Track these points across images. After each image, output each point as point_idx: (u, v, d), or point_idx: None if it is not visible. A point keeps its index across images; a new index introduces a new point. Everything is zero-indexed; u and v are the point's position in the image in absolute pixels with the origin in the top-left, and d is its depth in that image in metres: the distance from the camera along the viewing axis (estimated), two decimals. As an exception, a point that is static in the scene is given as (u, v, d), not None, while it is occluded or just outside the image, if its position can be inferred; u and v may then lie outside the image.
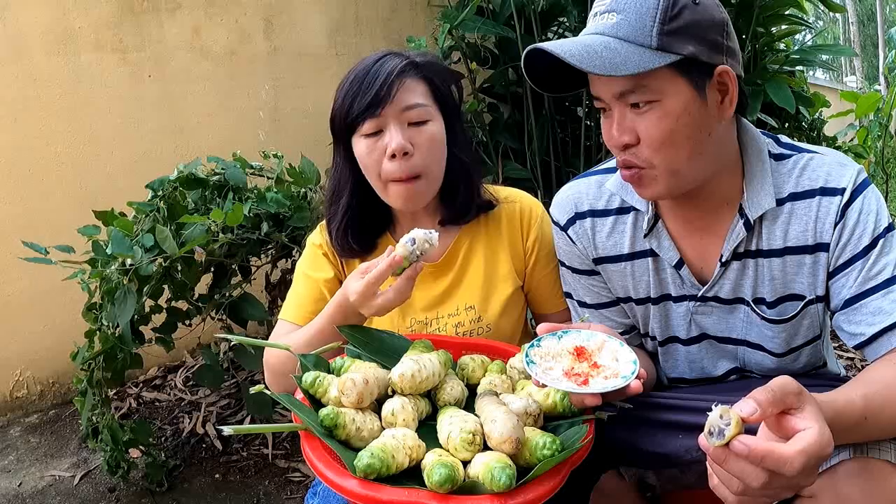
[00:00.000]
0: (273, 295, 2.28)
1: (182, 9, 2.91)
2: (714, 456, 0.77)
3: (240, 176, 2.01)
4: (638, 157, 1.02)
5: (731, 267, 1.12)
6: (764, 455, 0.73)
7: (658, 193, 1.06)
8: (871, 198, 1.05)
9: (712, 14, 0.99)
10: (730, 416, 0.75)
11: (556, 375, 0.96)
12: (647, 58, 0.94)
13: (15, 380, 2.73)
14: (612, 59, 0.94)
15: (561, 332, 1.03)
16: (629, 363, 0.97)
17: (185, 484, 2.10)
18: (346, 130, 1.26)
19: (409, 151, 1.21)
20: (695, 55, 0.96)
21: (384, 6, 3.40)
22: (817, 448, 0.74)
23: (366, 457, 0.82)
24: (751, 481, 0.75)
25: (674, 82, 0.97)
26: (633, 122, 1.00)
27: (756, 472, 0.74)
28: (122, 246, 1.78)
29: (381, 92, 1.20)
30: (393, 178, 1.23)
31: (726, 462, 0.76)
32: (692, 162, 1.02)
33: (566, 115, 2.87)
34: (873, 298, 1.02)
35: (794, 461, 0.73)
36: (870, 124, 3.23)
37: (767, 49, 2.75)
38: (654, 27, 0.94)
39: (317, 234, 1.39)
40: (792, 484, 0.76)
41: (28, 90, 2.63)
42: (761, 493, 0.76)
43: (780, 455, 0.73)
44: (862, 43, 22.37)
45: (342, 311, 1.13)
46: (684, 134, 0.99)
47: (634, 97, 0.98)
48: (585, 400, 0.94)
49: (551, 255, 1.37)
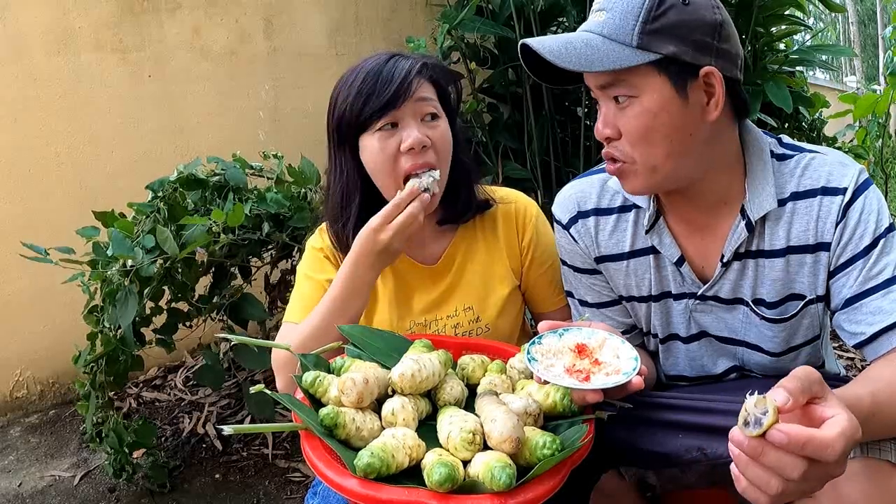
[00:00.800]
0: (273, 295, 2.28)
1: (182, 9, 2.91)
2: (750, 450, 0.72)
3: (240, 176, 2.01)
4: (619, 150, 1.04)
5: (731, 267, 1.13)
6: (805, 441, 0.69)
7: (638, 188, 1.08)
8: (873, 198, 1.05)
9: (703, 15, 0.99)
10: (766, 404, 0.71)
11: (557, 372, 0.96)
12: (624, 55, 0.96)
13: (15, 380, 2.73)
14: (588, 56, 0.97)
15: (562, 329, 1.03)
16: (630, 360, 0.97)
17: (185, 484, 2.10)
18: (355, 129, 1.25)
19: (427, 145, 1.22)
20: (676, 55, 0.96)
21: (384, 6, 3.40)
22: (852, 431, 0.72)
23: (366, 456, 0.82)
24: (790, 472, 0.71)
25: (652, 80, 0.98)
26: (615, 116, 1.02)
27: (795, 462, 0.70)
28: (123, 247, 1.78)
29: (400, 89, 1.20)
30: (411, 173, 1.22)
31: (763, 455, 0.71)
32: (672, 161, 1.02)
33: (566, 115, 2.87)
34: (873, 298, 1.03)
35: (835, 444, 0.70)
36: (868, 124, 3.24)
37: (767, 49, 2.75)
38: (636, 26, 0.96)
39: (317, 238, 1.39)
40: (828, 473, 0.73)
41: (28, 90, 2.63)
42: (798, 487, 0.72)
43: (822, 440, 0.70)
44: (862, 43, 22.38)
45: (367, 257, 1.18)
46: (661, 132, 1.00)
47: (614, 90, 1.01)
48: (587, 396, 0.94)
49: (547, 254, 1.37)
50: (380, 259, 1.19)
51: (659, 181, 1.05)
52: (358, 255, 1.19)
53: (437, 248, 1.37)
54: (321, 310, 1.21)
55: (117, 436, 1.89)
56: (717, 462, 1.03)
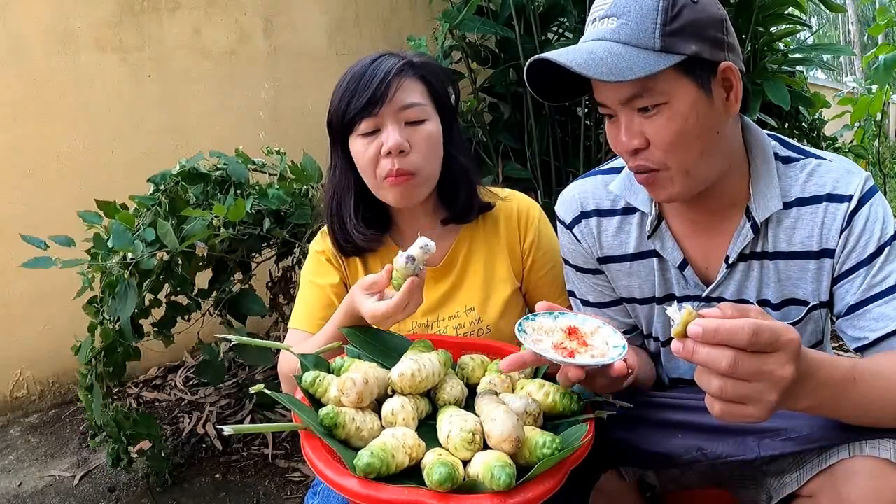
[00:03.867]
0: (274, 292, 2.28)
1: (182, 9, 2.91)
2: (683, 351, 0.76)
3: (242, 171, 2.00)
4: (650, 159, 1.01)
5: (736, 268, 1.12)
6: (717, 326, 0.73)
7: (674, 195, 1.05)
8: (878, 205, 1.05)
9: (711, 11, 0.99)
10: (683, 306, 0.77)
11: (544, 346, 0.96)
12: (651, 60, 0.94)
13: (15, 380, 2.73)
14: (617, 65, 0.93)
15: (558, 312, 1.03)
16: (619, 348, 0.97)
17: (185, 484, 2.10)
18: (343, 130, 1.27)
19: (405, 149, 1.22)
20: (698, 54, 0.95)
21: (384, 6, 3.40)
22: (778, 327, 0.75)
23: (366, 456, 0.82)
24: (717, 363, 0.74)
25: (679, 83, 0.96)
26: (640, 125, 0.99)
27: (718, 352, 0.74)
28: (124, 239, 1.77)
29: (378, 91, 1.20)
30: (388, 176, 1.23)
31: (695, 353, 0.75)
32: (704, 160, 1.01)
33: (566, 115, 2.87)
34: (877, 305, 1.02)
35: (745, 326, 0.73)
36: (865, 124, 3.24)
37: (767, 49, 2.75)
38: (657, 29, 0.94)
39: (319, 242, 1.39)
40: (759, 368, 0.74)
41: (28, 90, 2.63)
42: (738, 387, 0.75)
43: (733, 323, 0.73)
44: (862, 43, 22.36)
45: (354, 320, 1.13)
46: (693, 133, 0.98)
47: (642, 101, 0.97)
48: (569, 373, 0.93)
49: (549, 256, 1.37)
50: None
51: (693, 184, 1.03)
52: (347, 306, 1.13)
53: (440, 249, 1.36)
54: (324, 337, 1.18)
55: (118, 423, 1.89)
56: (717, 462, 1.03)
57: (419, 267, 1.03)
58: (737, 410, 0.77)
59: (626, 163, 1.07)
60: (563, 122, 2.86)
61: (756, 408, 0.76)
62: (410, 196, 1.27)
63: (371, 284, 1.07)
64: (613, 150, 1.06)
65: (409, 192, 1.26)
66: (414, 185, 1.25)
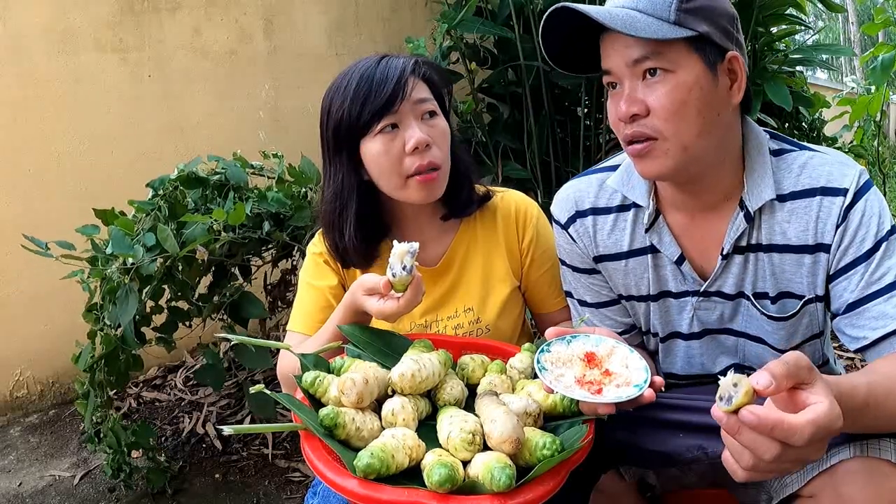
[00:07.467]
0: (273, 295, 2.28)
1: (182, 9, 2.91)
2: (727, 425, 0.75)
3: (240, 175, 2.00)
4: (647, 126, 1.02)
5: (733, 261, 1.12)
6: (774, 424, 0.72)
7: (665, 169, 1.04)
8: (874, 200, 1.04)
9: (724, 5, 1.03)
10: (742, 384, 0.74)
11: (567, 383, 0.95)
12: (665, 28, 0.98)
13: (15, 380, 2.73)
14: (632, 23, 0.98)
15: (569, 336, 1.02)
16: (640, 370, 0.96)
17: (185, 484, 2.10)
18: (354, 135, 1.24)
19: (429, 143, 1.22)
20: (709, 34, 0.99)
21: (384, 6, 3.40)
22: (827, 420, 0.73)
23: (366, 457, 0.82)
24: (763, 453, 0.73)
25: (689, 57, 0.99)
26: (643, 94, 1.01)
27: (767, 443, 0.73)
28: (123, 245, 1.77)
29: (396, 88, 1.20)
30: (415, 172, 1.22)
31: (739, 433, 0.74)
32: (701, 140, 1.02)
33: (566, 115, 2.87)
34: (876, 303, 1.02)
35: (803, 430, 0.72)
36: (864, 124, 3.25)
37: (767, 49, 2.75)
38: (673, 4, 0.98)
39: (316, 243, 1.38)
40: (801, 457, 0.75)
41: (28, 90, 2.64)
42: (771, 466, 0.74)
43: (791, 424, 0.72)
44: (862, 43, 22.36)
45: (356, 316, 1.13)
46: (695, 107, 1.00)
47: (650, 62, 1.00)
48: (599, 409, 0.93)
49: (547, 255, 1.37)
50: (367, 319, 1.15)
51: (686, 162, 1.03)
52: (349, 305, 1.14)
53: (438, 249, 1.36)
54: (326, 333, 1.19)
55: (115, 436, 1.89)
56: (718, 461, 1.02)
57: (413, 267, 1.05)
58: (760, 477, 0.78)
59: (619, 134, 1.07)
60: (563, 122, 2.86)
61: (780, 473, 0.78)
62: (435, 191, 1.26)
63: (371, 289, 1.07)
64: (610, 122, 1.08)
65: (435, 187, 1.26)
66: (439, 180, 1.26)
